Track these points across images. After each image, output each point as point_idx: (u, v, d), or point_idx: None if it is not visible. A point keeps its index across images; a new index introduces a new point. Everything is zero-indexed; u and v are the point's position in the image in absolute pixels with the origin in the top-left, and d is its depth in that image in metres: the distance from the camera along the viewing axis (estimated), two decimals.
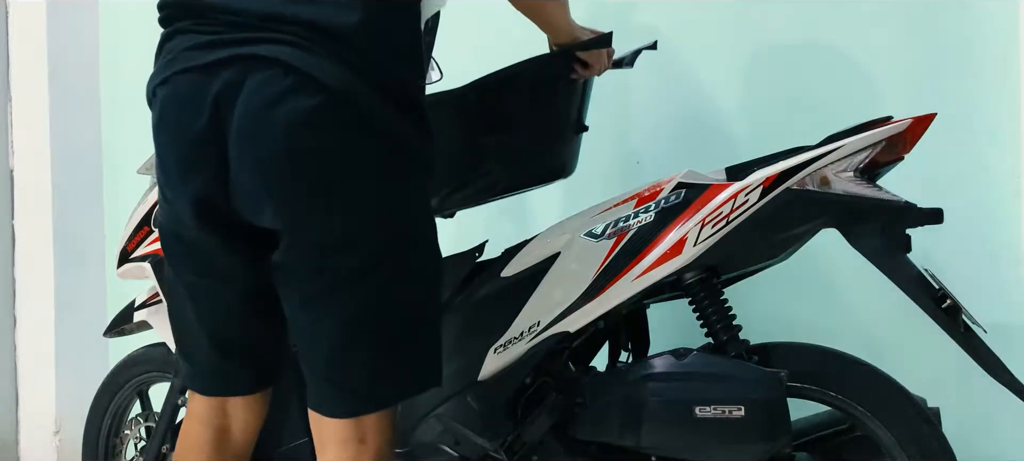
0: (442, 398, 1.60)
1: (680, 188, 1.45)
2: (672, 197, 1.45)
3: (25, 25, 2.89)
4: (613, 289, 1.48)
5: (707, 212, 1.41)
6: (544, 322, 1.52)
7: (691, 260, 1.43)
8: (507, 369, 1.55)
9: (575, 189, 2.24)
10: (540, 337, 1.53)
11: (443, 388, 1.61)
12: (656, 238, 1.45)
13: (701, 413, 1.38)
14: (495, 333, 1.56)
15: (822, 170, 1.37)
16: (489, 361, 1.56)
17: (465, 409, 1.57)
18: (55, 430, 2.85)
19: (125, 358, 2.05)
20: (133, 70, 3.00)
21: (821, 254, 1.66)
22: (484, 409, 1.56)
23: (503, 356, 1.55)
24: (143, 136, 1.38)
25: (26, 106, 2.90)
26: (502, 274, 1.58)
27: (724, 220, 1.40)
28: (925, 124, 1.37)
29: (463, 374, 1.59)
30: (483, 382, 1.57)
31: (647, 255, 1.45)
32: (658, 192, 1.47)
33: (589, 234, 1.50)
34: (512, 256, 1.59)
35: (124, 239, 1.86)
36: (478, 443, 1.55)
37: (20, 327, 2.93)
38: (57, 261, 2.87)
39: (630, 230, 1.47)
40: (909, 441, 1.37)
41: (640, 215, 1.47)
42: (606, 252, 1.48)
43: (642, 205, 1.47)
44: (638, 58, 1.76)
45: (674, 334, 1.58)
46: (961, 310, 1.33)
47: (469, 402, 1.57)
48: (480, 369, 1.57)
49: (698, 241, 1.41)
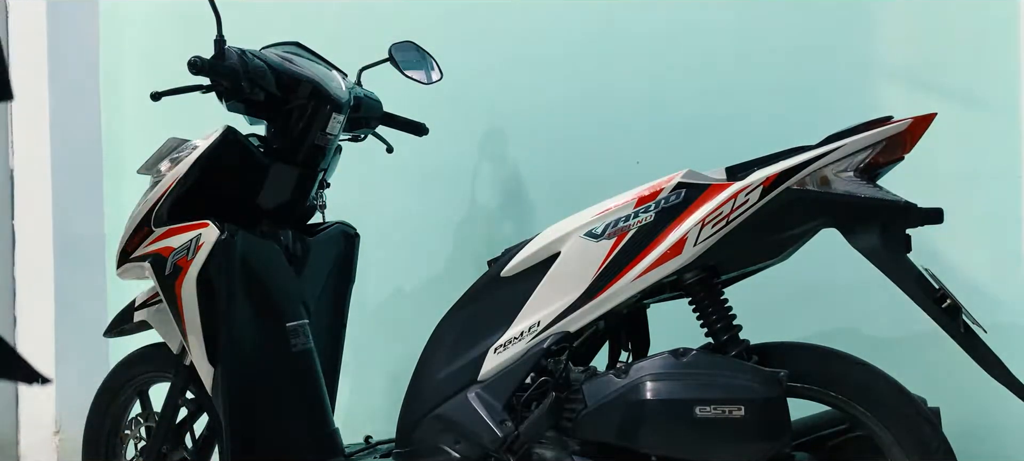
0: (442, 397, 1.60)
1: (680, 188, 1.45)
2: (672, 197, 1.45)
3: (25, 25, 2.90)
4: (613, 289, 1.48)
5: (707, 212, 1.41)
6: (544, 322, 1.53)
7: (691, 259, 1.43)
8: (507, 369, 1.56)
9: (575, 189, 2.24)
10: (540, 337, 1.53)
11: (443, 387, 1.61)
12: (656, 238, 1.45)
13: (701, 413, 1.37)
14: (495, 333, 1.57)
15: (822, 170, 1.37)
16: (489, 360, 1.57)
17: (465, 408, 1.58)
18: (55, 430, 2.85)
19: (125, 358, 2.05)
20: (133, 70, 3.01)
21: (821, 254, 1.66)
22: (484, 408, 1.56)
23: (503, 356, 1.56)
24: (143, 136, 1.38)
25: (26, 106, 2.90)
26: (502, 274, 1.59)
27: (724, 220, 1.40)
28: (925, 124, 1.37)
29: (463, 373, 1.59)
30: (483, 381, 1.57)
31: (647, 255, 1.45)
32: (658, 192, 1.47)
33: (589, 234, 1.51)
34: (512, 256, 1.59)
35: (124, 239, 1.86)
36: (478, 442, 1.56)
37: (20, 327, 2.93)
38: (57, 261, 2.87)
39: (630, 230, 1.47)
40: (909, 441, 1.37)
41: (640, 215, 1.47)
42: (606, 252, 1.48)
43: (642, 205, 1.47)
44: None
45: (674, 334, 1.58)
46: (961, 310, 1.33)
47: (469, 401, 1.57)
48: (480, 369, 1.57)
49: (698, 241, 1.42)
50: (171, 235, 1.77)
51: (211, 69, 1.71)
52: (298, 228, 1.96)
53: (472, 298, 1.64)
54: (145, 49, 2.99)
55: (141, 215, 1.83)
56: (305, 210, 1.95)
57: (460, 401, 1.58)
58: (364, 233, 2.07)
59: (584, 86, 2.43)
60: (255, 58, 1.79)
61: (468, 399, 1.58)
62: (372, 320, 2.65)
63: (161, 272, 1.76)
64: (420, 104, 2.23)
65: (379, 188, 2.64)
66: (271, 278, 1.83)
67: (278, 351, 1.83)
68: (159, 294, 1.80)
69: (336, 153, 1.98)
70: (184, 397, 1.88)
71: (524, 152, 2.50)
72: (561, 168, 2.40)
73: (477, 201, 2.55)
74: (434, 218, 2.61)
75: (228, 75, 1.73)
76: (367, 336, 2.57)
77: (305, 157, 1.88)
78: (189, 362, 1.80)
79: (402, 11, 2.62)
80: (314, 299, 1.96)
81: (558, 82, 2.46)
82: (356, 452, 1.91)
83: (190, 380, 1.85)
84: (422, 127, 2.16)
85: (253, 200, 1.86)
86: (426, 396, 1.64)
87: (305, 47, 2.03)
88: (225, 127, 1.81)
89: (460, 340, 1.61)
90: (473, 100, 2.55)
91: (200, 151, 1.79)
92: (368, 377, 2.64)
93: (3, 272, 2.91)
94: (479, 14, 2.54)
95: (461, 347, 1.61)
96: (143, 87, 2.99)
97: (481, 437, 1.55)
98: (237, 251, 1.74)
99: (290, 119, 1.86)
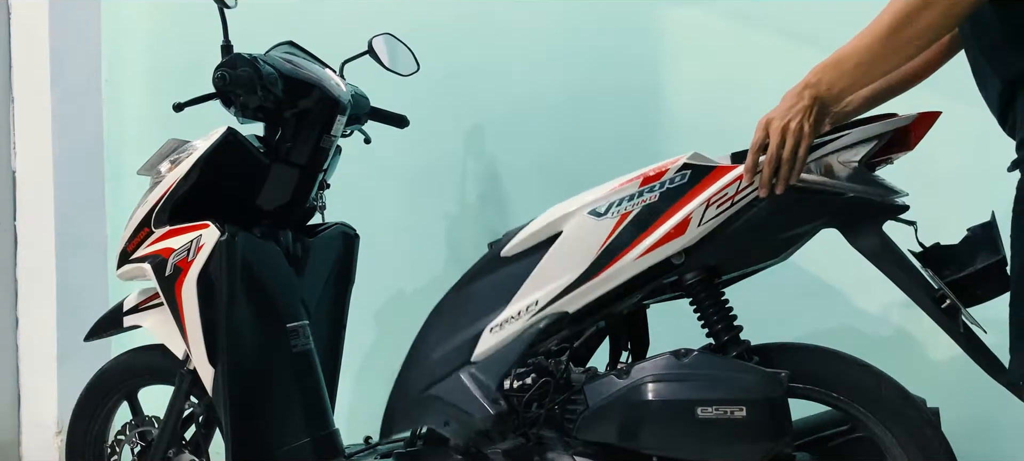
0: (434, 378, 1.58)
1: (686, 168, 1.43)
2: (677, 177, 1.43)
3: (27, 26, 2.90)
4: (615, 268, 1.46)
5: (712, 192, 1.39)
6: (542, 301, 1.51)
7: (694, 240, 1.41)
8: (502, 348, 1.53)
9: (575, 191, 2.24)
10: (537, 316, 1.51)
11: (435, 367, 1.59)
12: (660, 217, 1.43)
13: (702, 413, 1.37)
14: (492, 312, 1.55)
15: (827, 158, 1.36)
16: (484, 340, 1.55)
17: (458, 388, 1.55)
18: (57, 431, 2.86)
19: (109, 363, 2.03)
20: (135, 71, 3.01)
21: (821, 254, 1.66)
22: (477, 387, 1.54)
23: (498, 335, 1.54)
24: (144, 137, 1.39)
25: (28, 107, 2.91)
26: (502, 253, 1.57)
27: (729, 201, 1.38)
28: (930, 121, 1.36)
29: (457, 353, 1.57)
30: (477, 361, 1.56)
31: (651, 234, 1.43)
32: (664, 172, 1.44)
33: (593, 212, 1.48)
34: (513, 236, 1.57)
35: (124, 240, 1.86)
36: (469, 422, 1.53)
37: (22, 328, 2.94)
38: (59, 262, 2.87)
39: (634, 209, 1.45)
40: (909, 441, 1.37)
41: (645, 194, 1.44)
42: (609, 230, 1.46)
43: (647, 185, 1.45)
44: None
45: (674, 334, 1.58)
46: (961, 310, 1.33)
47: (462, 381, 1.55)
48: (475, 348, 1.56)
49: (703, 221, 1.40)
50: (171, 236, 1.77)
51: (234, 81, 1.73)
52: (298, 229, 1.96)
53: (470, 278, 1.61)
54: (147, 50, 2.99)
55: (141, 216, 1.83)
56: (305, 211, 1.95)
57: (453, 381, 1.56)
58: (364, 234, 2.07)
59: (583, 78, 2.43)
60: (266, 64, 1.79)
61: (461, 379, 1.55)
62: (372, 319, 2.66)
63: (161, 273, 1.76)
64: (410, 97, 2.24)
65: (378, 188, 2.64)
66: (271, 279, 1.83)
67: (278, 352, 1.83)
68: (158, 296, 1.80)
69: (336, 153, 1.98)
70: (188, 400, 1.88)
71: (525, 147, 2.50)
72: (559, 161, 2.40)
73: (480, 194, 2.56)
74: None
75: (247, 85, 1.75)
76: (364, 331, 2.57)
77: (309, 159, 1.88)
78: (193, 366, 1.79)
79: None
80: (314, 300, 1.96)
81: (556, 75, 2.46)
82: (356, 452, 1.91)
83: (193, 383, 1.84)
84: (404, 119, 2.16)
85: (253, 201, 1.86)
86: (418, 376, 1.62)
87: (299, 46, 2.03)
88: (226, 128, 1.82)
89: (456, 320, 1.59)
90: (473, 100, 2.56)
91: (200, 152, 1.80)
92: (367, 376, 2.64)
93: (5, 273, 2.92)
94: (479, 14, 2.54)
95: (456, 327, 1.58)
96: (145, 88, 3.03)
97: (473, 417, 1.53)
98: (238, 252, 1.74)
99: (294, 122, 1.87)
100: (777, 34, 2.22)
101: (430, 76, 2.20)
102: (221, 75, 1.75)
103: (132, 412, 2.01)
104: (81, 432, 2.02)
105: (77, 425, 2.03)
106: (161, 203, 1.80)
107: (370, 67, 2.03)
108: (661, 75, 2.36)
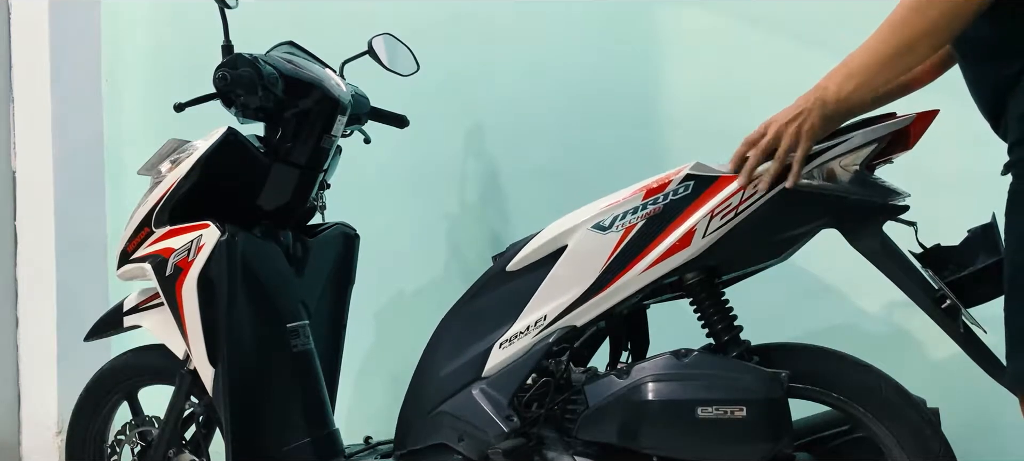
0: (446, 394, 1.59)
1: (689, 180, 1.43)
2: (681, 189, 1.43)
3: (27, 26, 2.90)
4: (621, 282, 1.46)
5: (716, 204, 1.39)
6: (550, 316, 1.52)
7: (700, 252, 1.41)
8: (512, 364, 1.54)
9: (575, 192, 2.24)
10: (546, 331, 1.52)
11: (446, 384, 1.60)
12: (664, 230, 1.43)
13: (702, 413, 1.37)
14: (500, 328, 1.55)
15: (829, 163, 1.36)
16: (493, 356, 1.56)
17: (470, 404, 1.56)
18: (57, 431, 2.86)
19: (109, 363, 2.03)
20: (135, 71, 3.01)
21: (821, 254, 1.66)
22: (489, 404, 1.55)
23: (508, 351, 1.54)
24: (144, 137, 1.39)
25: (28, 107, 2.91)
26: (507, 268, 1.57)
27: (733, 212, 1.39)
28: (928, 120, 1.37)
29: (468, 369, 1.58)
30: (487, 377, 1.56)
31: (655, 247, 1.44)
32: (666, 184, 1.45)
33: (597, 226, 1.49)
34: (518, 250, 1.57)
35: (124, 240, 1.86)
36: (483, 438, 1.54)
37: (22, 328, 2.94)
38: (59, 262, 2.87)
39: (638, 222, 1.45)
40: (909, 441, 1.37)
41: (648, 207, 1.45)
42: (614, 244, 1.46)
43: (650, 197, 1.45)
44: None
45: (674, 334, 1.58)
46: (961, 310, 1.33)
47: (474, 397, 1.56)
48: (485, 364, 1.56)
49: (707, 233, 1.40)
50: (172, 236, 1.77)
51: (235, 81, 1.73)
52: (298, 229, 1.96)
53: (476, 294, 1.62)
54: (147, 50, 2.99)
55: (141, 216, 1.83)
56: (305, 211, 1.95)
57: (465, 397, 1.57)
58: (364, 234, 2.07)
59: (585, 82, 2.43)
60: (266, 64, 1.79)
61: (473, 395, 1.56)
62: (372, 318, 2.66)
63: (162, 273, 1.76)
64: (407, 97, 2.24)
65: (378, 188, 2.64)
66: (271, 279, 1.83)
67: (278, 352, 1.83)
68: (159, 296, 1.80)
69: (336, 153, 1.98)
70: (189, 400, 1.88)
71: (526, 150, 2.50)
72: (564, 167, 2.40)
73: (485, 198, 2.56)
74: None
75: (247, 85, 1.75)
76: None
77: (309, 159, 1.88)
78: (193, 366, 1.79)
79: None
80: (314, 300, 1.96)
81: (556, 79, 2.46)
82: (356, 452, 1.91)
83: (194, 383, 1.84)
84: (404, 119, 2.17)
85: (254, 201, 1.86)
86: (429, 393, 1.62)
87: (299, 46, 2.03)
88: (226, 128, 1.82)
89: (464, 336, 1.60)
90: (473, 98, 2.56)
91: (201, 152, 1.80)
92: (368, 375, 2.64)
93: (5, 273, 2.92)
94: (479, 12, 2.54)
95: (465, 343, 1.59)
96: (145, 88, 3.02)
97: (486, 433, 1.54)
98: (238, 252, 1.74)
99: (295, 122, 1.87)
100: (777, 34, 2.22)
101: (430, 76, 2.20)
102: (222, 75, 1.76)
103: (132, 412, 2.00)
104: (81, 432, 2.02)
105: (77, 425, 2.03)
106: (161, 203, 1.80)
107: (370, 67, 2.03)
108: (662, 76, 2.36)
